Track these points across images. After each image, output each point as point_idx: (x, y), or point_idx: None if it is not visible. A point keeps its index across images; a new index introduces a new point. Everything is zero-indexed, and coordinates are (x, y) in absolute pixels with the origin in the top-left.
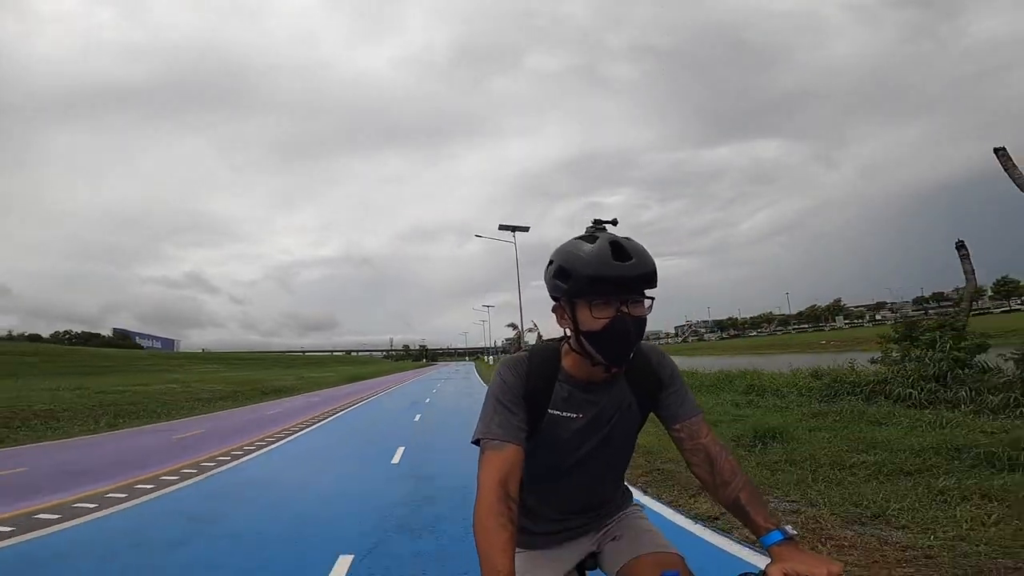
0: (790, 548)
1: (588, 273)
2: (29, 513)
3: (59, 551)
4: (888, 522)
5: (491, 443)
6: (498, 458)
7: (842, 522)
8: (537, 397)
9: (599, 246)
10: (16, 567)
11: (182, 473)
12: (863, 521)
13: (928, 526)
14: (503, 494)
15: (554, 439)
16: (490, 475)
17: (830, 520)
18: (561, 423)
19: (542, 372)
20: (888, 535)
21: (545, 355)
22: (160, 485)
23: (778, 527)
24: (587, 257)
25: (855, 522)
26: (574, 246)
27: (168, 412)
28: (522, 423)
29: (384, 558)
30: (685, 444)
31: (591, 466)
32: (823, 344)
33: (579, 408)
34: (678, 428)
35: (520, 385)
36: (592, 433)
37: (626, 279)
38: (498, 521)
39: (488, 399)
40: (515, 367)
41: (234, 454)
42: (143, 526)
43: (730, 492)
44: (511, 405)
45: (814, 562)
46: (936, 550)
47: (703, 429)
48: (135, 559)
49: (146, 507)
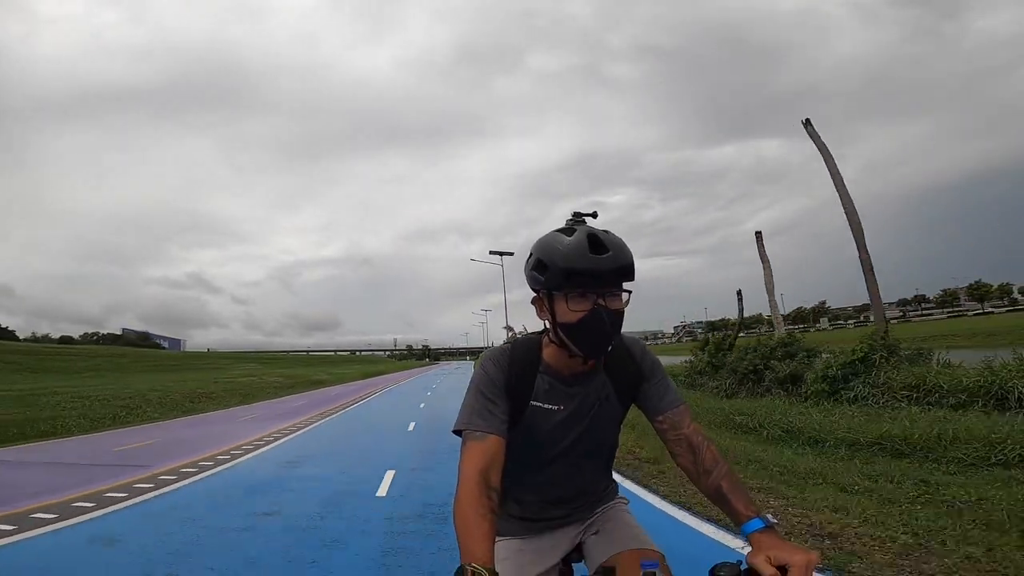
0: (770, 536)
1: (564, 266)
2: (310, 419)
3: (304, 445)
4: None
5: (473, 434)
6: (479, 449)
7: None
8: (519, 389)
9: (576, 239)
10: (292, 452)
11: (324, 416)
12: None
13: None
14: (484, 484)
15: (536, 430)
16: (471, 465)
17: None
18: (543, 415)
19: (524, 364)
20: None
21: (527, 347)
22: (310, 422)
23: (758, 515)
24: (564, 250)
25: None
26: (553, 238)
27: (272, 394)
28: (503, 414)
29: (410, 471)
30: (668, 435)
31: (573, 457)
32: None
33: (560, 400)
34: (661, 419)
35: (502, 377)
36: (573, 425)
37: (602, 272)
38: (478, 511)
39: (470, 390)
40: (497, 359)
41: (333, 412)
42: (326, 435)
43: (712, 481)
44: (493, 396)
45: (793, 550)
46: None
47: (685, 420)
48: (331, 445)
49: (315, 431)
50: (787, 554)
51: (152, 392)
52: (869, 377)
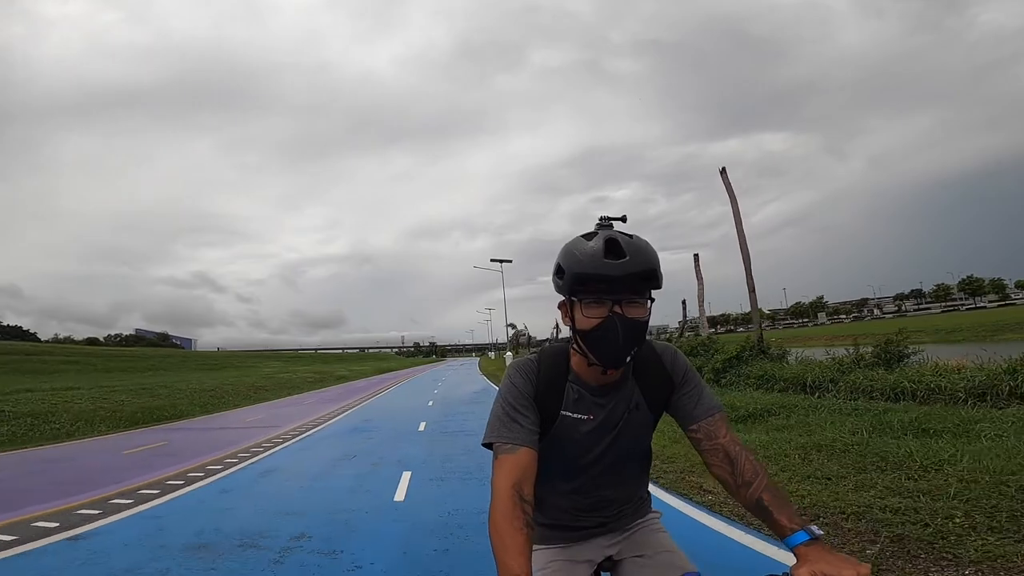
0: (816, 548)
1: (577, 271)
2: (353, 403)
3: (361, 415)
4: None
5: (504, 447)
6: (511, 462)
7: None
8: (548, 399)
9: (594, 244)
10: (358, 418)
11: (361, 401)
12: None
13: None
14: (518, 498)
15: (566, 440)
16: (504, 479)
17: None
18: (573, 425)
19: (552, 374)
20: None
21: (554, 357)
22: (355, 404)
23: (803, 527)
24: (579, 255)
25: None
26: (575, 244)
27: (309, 387)
28: (534, 425)
29: (436, 423)
30: (703, 445)
31: (605, 466)
32: (773, 342)
33: (589, 409)
34: (695, 429)
35: (530, 388)
36: (603, 435)
37: (615, 278)
38: (513, 525)
39: (497, 402)
40: (524, 369)
41: (369, 397)
42: (371, 409)
43: (752, 493)
44: (521, 408)
45: (842, 563)
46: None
47: (721, 429)
48: (376, 413)
49: (362, 409)
50: (836, 566)
51: (220, 387)
52: (738, 369)
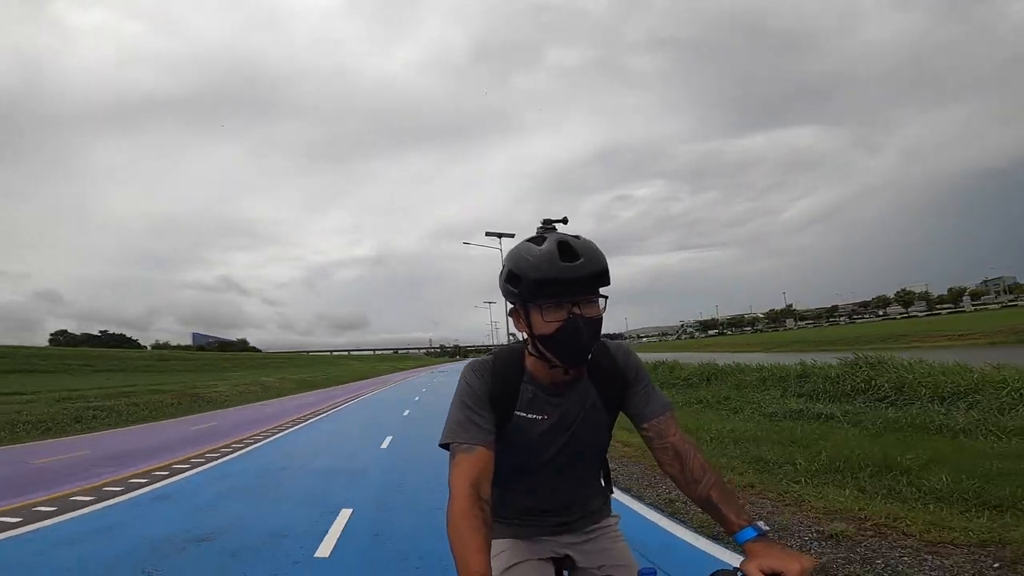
0: (764, 544)
1: (535, 276)
2: (400, 379)
3: (408, 383)
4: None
5: (460, 446)
6: (468, 461)
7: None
8: (503, 399)
9: (547, 248)
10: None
11: (411, 375)
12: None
13: None
14: (476, 497)
15: (522, 440)
16: (461, 478)
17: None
18: (528, 425)
19: (507, 374)
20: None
21: (510, 357)
22: (402, 379)
23: (751, 523)
24: (534, 260)
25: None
26: (524, 249)
27: (364, 375)
28: (490, 424)
29: (434, 383)
30: (654, 443)
31: (560, 467)
32: (745, 344)
33: (543, 409)
34: (646, 427)
35: (485, 388)
36: (558, 434)
37: (574, 280)
38: (472, 524)
39: (454, 403)
40: (479, 370)
41: (412, 377)
42: (404, 389)
43: (701, 489)
44: (477, 407)
45: (788, 557)
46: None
47: (671, 428)
48: (406, 393)
49: (395, 388)
50: (783, 561)
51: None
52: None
